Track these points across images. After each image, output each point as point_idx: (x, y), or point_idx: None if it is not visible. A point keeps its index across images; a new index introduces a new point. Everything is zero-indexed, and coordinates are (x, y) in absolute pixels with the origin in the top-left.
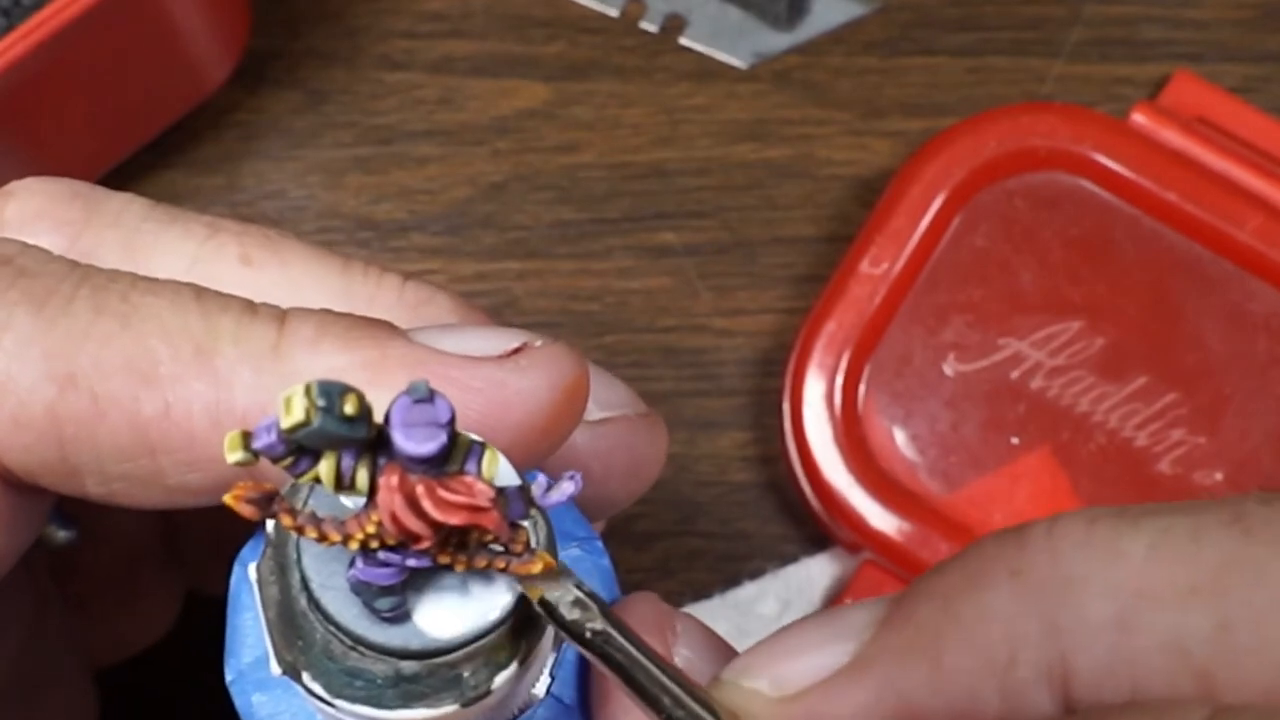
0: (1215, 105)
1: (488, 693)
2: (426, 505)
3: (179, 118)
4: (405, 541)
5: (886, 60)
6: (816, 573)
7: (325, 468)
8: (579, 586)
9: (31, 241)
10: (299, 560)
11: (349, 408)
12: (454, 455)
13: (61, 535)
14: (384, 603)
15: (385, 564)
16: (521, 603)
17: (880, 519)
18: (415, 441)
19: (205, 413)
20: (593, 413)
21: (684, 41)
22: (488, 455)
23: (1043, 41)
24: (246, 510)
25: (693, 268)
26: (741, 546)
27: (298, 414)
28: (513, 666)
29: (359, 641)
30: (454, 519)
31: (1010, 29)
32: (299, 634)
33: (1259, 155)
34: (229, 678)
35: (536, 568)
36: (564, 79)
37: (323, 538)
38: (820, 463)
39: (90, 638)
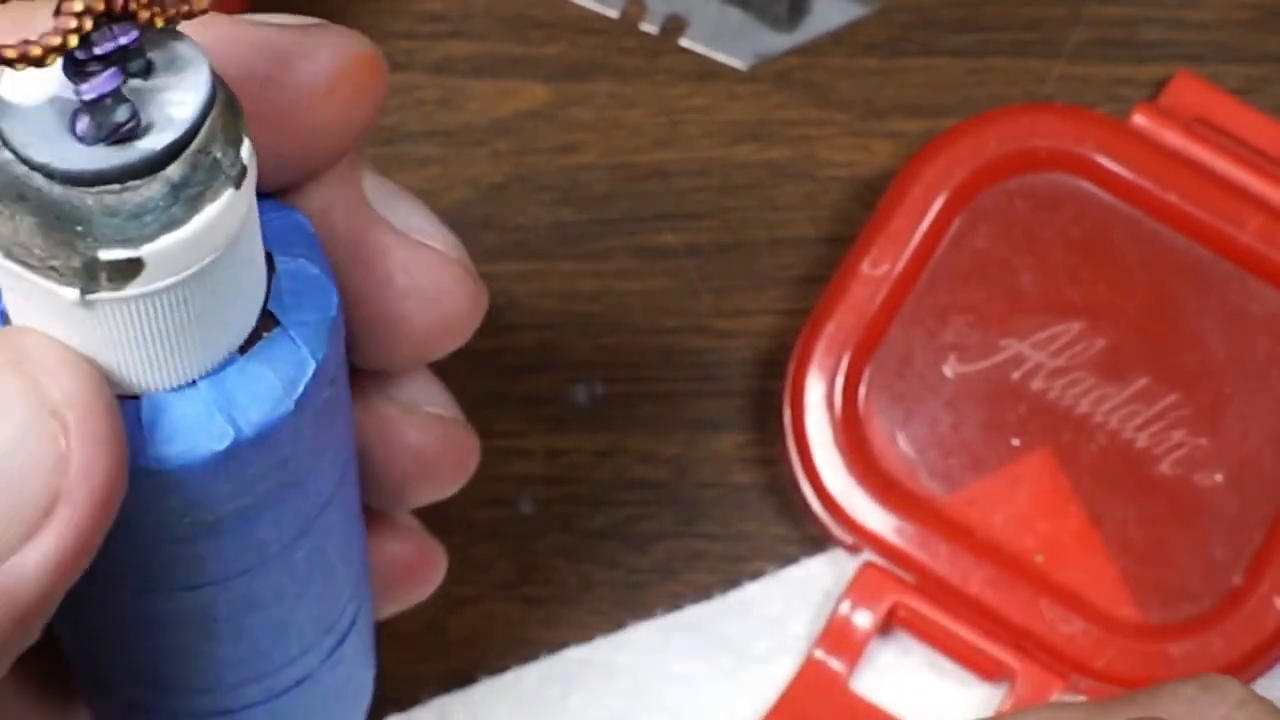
0: (1216, 106)
1: (244, 168)
2: None
3: None
4: (108, 11)
5: (887, 61)
6: (816, 573)
7: None
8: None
9: None
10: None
11: None
12: None
13: None
14: (122, 113)
15: (101, 62)
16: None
17: (880, 520)
18: None
19: None
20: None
21: (684, 43)
22: None
23: (1043, 42)
24: None
25: (693, 269)
26: (742, 547)
27: None
28: (246, 140)
29: (109, 178)
30: None
31: (1011, 30)
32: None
33: (1260, 156)
34: None
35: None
36: (564, 80)
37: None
38: (820, 464)
39: None
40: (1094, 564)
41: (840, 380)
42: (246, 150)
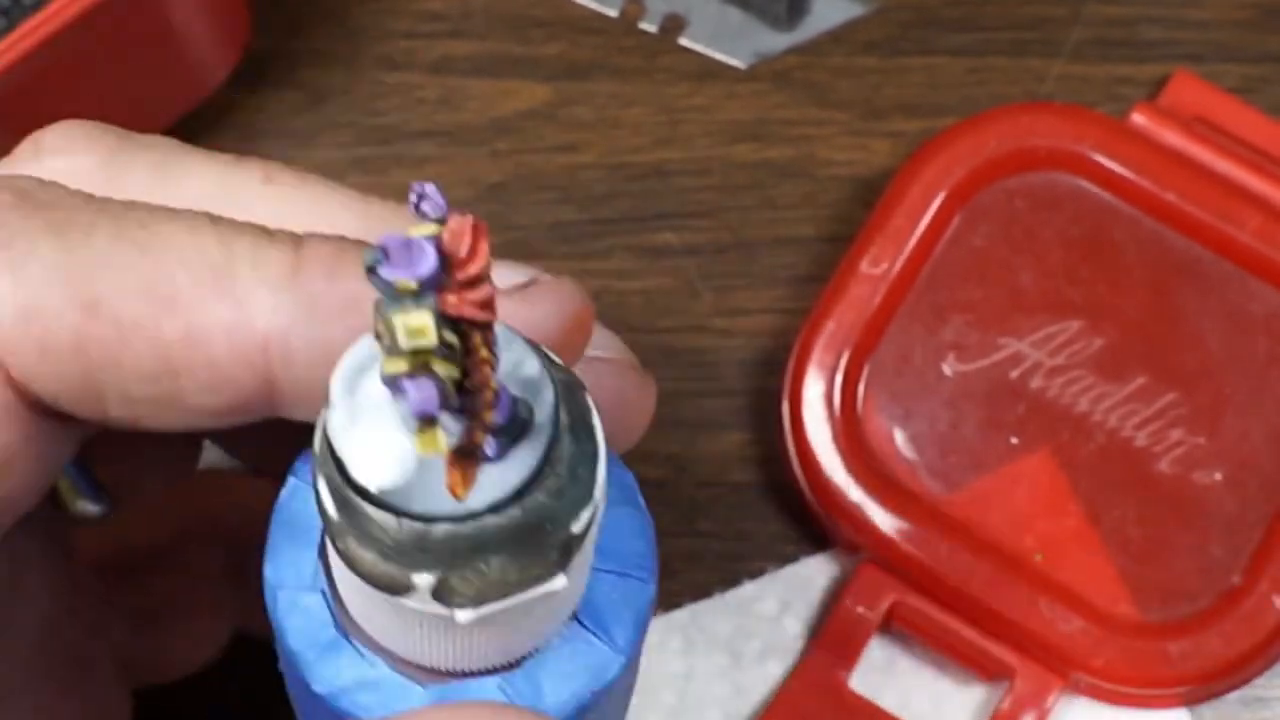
0: (1215, 105)
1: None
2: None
3: (178, 118)
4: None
5: (886, 60)
6: (816, 572)
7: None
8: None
9: (69, 160)
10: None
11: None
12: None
13: (92, 509)
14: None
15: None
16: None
17: (879, 519)
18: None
19: (226, 335)
20: (587, 350)
21: (684, 42)
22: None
23: (1043, 41)
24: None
25: (693, 268)
26: (741, 546)
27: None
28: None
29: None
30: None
31: (1010, 29)
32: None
33: (1259, 155)
34: (270, 580)
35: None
36: (564, 79)
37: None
38: (820, 463)
39: (136, 653)
40: (1093, 563)
41: (839, 379)
42: (602, 473)
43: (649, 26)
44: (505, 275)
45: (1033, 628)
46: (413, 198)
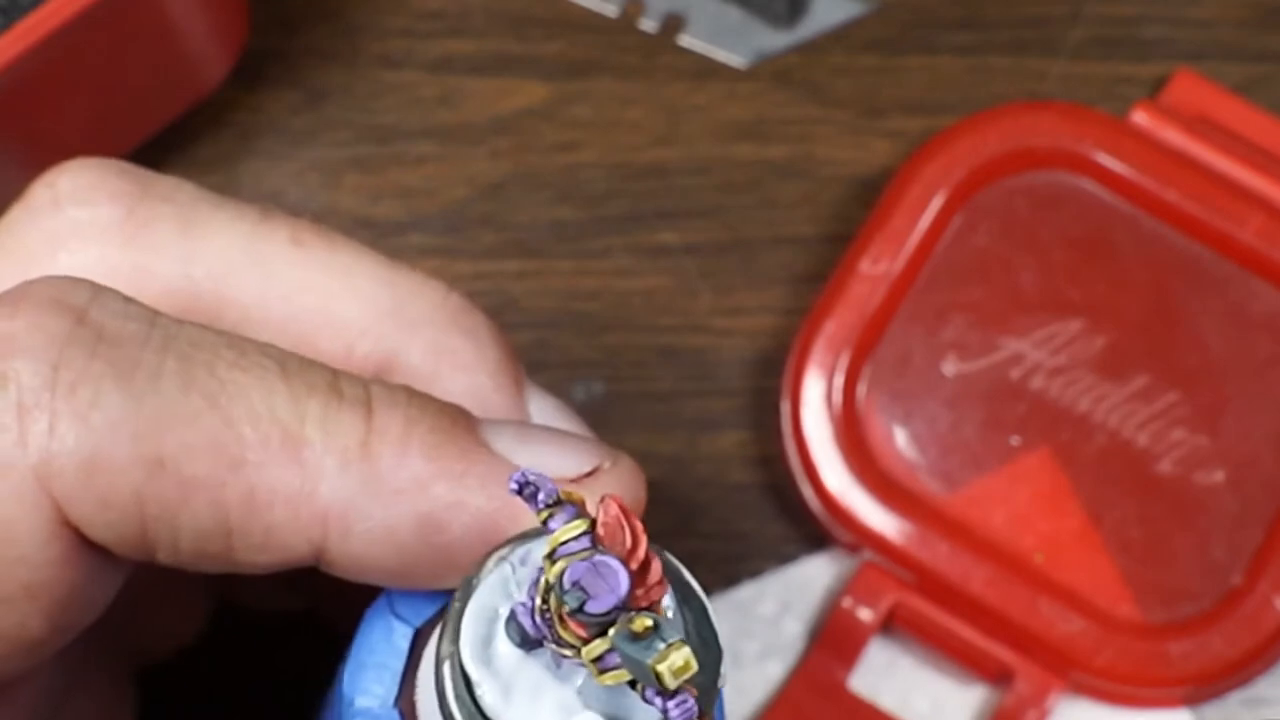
0: (1216, 104)
1: None
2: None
3: (176, 117)
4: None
5: (887, 59)
6: (816, 573)
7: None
8: None
9: (91, 211)
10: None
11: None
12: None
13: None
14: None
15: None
16: None
17: (879, 519)
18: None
19: (287, 503)
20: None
21: (683, 41)
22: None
23: (1043, 40)
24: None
25: (692, 267)
26: (741, 547)
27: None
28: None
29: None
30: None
31: (1011, 28)
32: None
33: (1260, 154)
34: (359, 703)
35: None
36: (563, 78)
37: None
38: (819, 463)
39: (124, 639)
40: (1093, 563)
41: (839, 379)
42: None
43: (649, 25)
44: (568, 459)
45: (1033, 628)
46: (513, 487)
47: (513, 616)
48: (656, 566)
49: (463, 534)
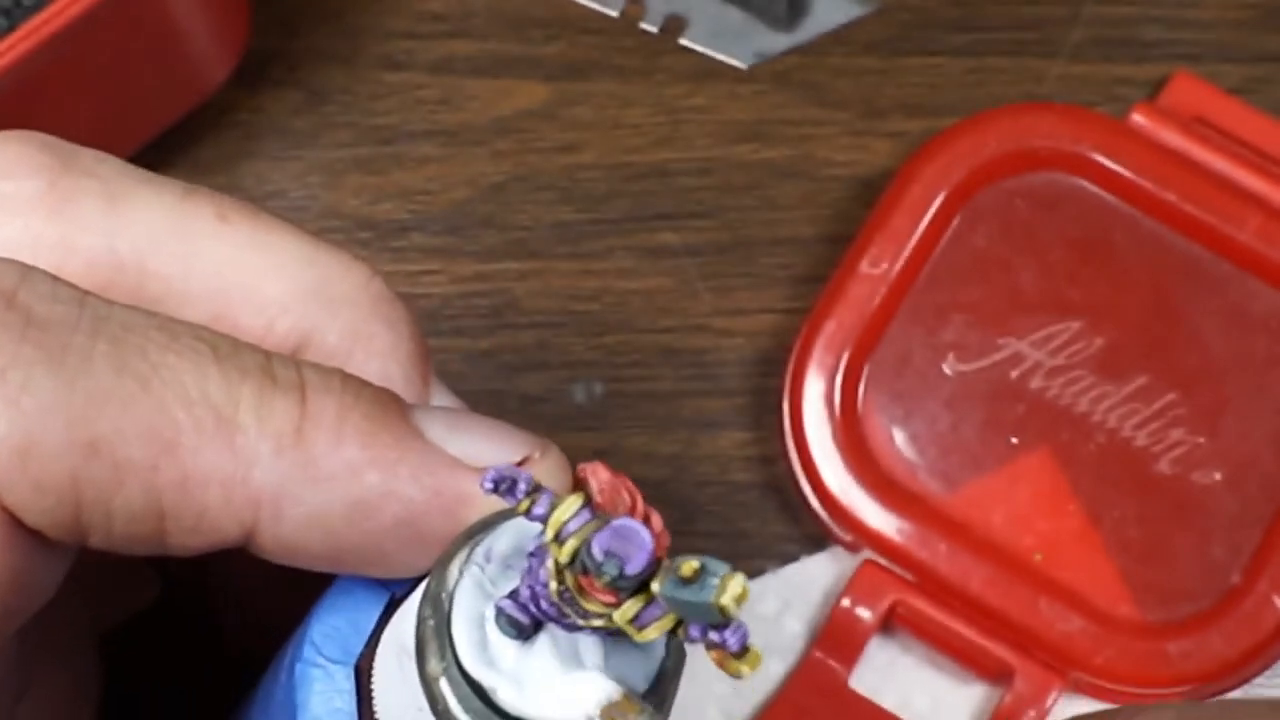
0: (1215, 106)
1: None
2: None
3: (179, 118)
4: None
5: (886, 60)
6: (816, 572)
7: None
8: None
9: (14, 184)
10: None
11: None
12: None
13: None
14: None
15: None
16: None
17: (879, 519)
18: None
19: (221, 486)
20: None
21: (684, 42)
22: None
23: (1042, 42)
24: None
25: (693, 268)
26: (742, 546)
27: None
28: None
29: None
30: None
31: (1010, 29)
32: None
33: (1259, 156)
34: (304, 654)
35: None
36: (564, 79)
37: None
38: (820, 462)
39: (88, 606)
40: (1093, 562)
41: (839, 379)
42: None
43: (650, 26)
44: (498, 449)
45: (1033, 627)
46: (489, 486)
47: (501, 613)
48: (656, 514)
49: (392, 523)
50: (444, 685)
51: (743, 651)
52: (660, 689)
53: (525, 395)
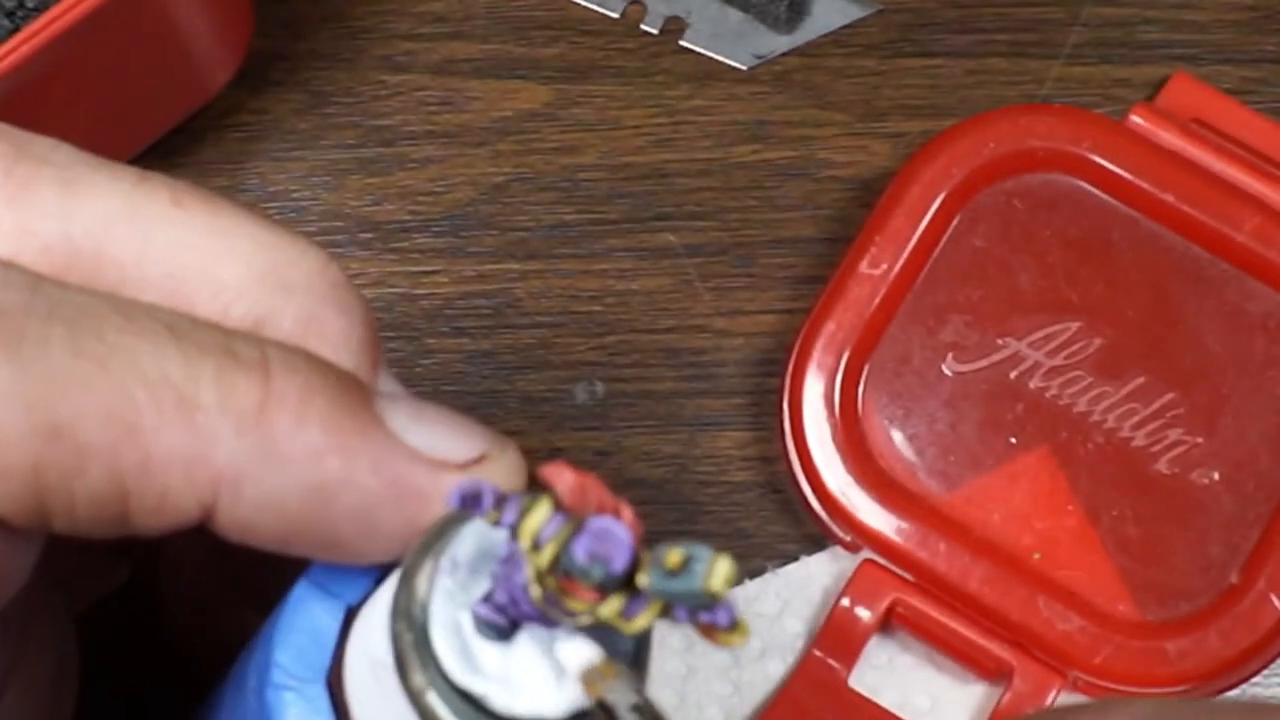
0: (1213, 107)
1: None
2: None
3: (182, 120)
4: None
5: (886, 62)
6: (816, 571)
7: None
8: (639, 692)
9: None
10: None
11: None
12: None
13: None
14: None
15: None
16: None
17: (879, 518)
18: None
19: (183, 466)
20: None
21: (684, 43)
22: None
23: (1041, 43)
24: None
25: (693, 268)
26: (741, 546)
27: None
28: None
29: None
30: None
31: (1009, 31)
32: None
33: (1257, 157)
34: (273, 678)
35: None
36: (565, 80)
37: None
38: (819, 462)
39: (62, 586)
40: (1091, 562)
41: (839, 379)
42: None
43: (650, 28)
44: (457, 442)
45: (1032, 626)
46: (456, 502)
47: (480, 619)
48: (626, 505)
49: (348, 511)
50: (432, 697)
51: (733, 626)
52: (639, 655)
53: (526, 395)
